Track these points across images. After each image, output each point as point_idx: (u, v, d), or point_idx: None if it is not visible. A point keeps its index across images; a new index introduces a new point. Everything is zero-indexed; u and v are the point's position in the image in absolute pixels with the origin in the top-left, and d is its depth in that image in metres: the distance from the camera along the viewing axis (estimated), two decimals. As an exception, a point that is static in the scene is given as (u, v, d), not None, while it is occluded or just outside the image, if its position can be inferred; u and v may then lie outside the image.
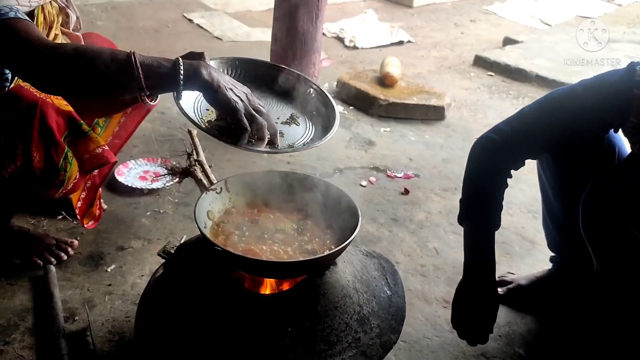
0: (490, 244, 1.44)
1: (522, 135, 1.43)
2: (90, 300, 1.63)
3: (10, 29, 1.20)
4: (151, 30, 4.12)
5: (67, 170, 1.49)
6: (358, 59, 4.50)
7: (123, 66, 1.14)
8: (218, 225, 1.37)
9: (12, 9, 1.23)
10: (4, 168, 1.42)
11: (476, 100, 3.87)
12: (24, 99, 1.42)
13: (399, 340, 1.49)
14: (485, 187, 1.45)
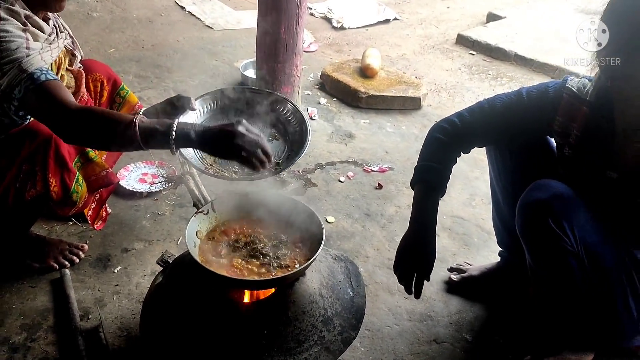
0: (435, 206, 1.66)
1: (476, 127, 1.68)
2: (101, 299, 1.91)
3: (45, 92, 1.45)
4: (145, 20, 4.29)
5: (79, 192, 1.76)
6: (345, 41, 4.68)
7: (129, 131, 1.38)
8: (206, 242, 1.63)
9: (43, 71, 1.48)
10: (26, 193, 1.67)
11: (456, 82, 4.08)
12: (41, 133, 1.67)
13: (364, 329, 1.78)
14: (437, 160, 1.67)
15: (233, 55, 3.87)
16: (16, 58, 1.46)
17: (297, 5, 2.70)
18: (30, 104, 1.48)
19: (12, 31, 1.49)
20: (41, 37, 1.58)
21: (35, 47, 1.53)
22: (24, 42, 1.50)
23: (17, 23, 1.52)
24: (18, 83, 1.46)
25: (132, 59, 3.63)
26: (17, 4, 1.55)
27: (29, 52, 1.49)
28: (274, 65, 2.84)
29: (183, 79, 3.44)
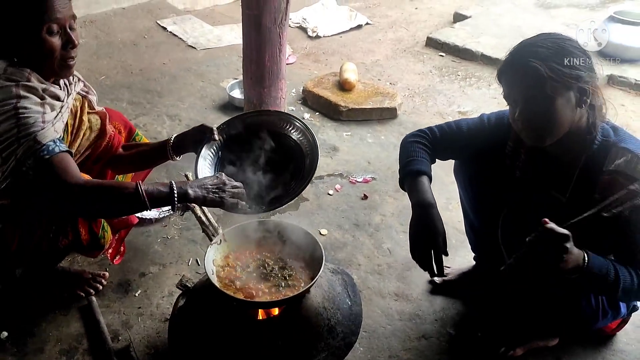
0: (428, 188, 1.81)
1: (445, 142, 1.96)
2: (127, 322, 2.15)
3: (54, 164, 1.63)
4: (129, 43, 4.47)
5: (105, 237, 1.99)
6: (321, 50, 4.92)
7: (134, 197, 1.65)
8: (222, 268, 1.88)
9: (55, 142, 1.66)
10: (59, 242, 1.90)
11: (427, 86, 4.35)
12: None
13: (362, 330, 2.05)
14: (416, 155, 1.90)
15: (218, 74, 4.09)
16: (32, 132, 1.62)
17: (279, 35, 2.94)
18: (41, 175, 1.65)
19: (31, 107, 1.64)
20: (57, 105, 1.75)
21: (49, 118, 1.68)
22: (41, 116, 1.65)
23: (36, 99, 1.67)
24: (32, 154, 1.62)
25: (123, 86, 3.83)
26: (33, 78, 1.69)
27: (44, 125, 1.65)
28: (260, 90, 3.08)
29: (174, 103, 3.66)
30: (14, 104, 1.62)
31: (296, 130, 2.13)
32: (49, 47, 1.68)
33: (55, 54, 1.70)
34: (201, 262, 2.42)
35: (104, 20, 4.76)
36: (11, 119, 1.61)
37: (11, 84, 1.65)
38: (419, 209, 1.79)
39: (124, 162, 2.18)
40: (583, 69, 1.59)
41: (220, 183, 1.76)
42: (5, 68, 1.68)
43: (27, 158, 1.62)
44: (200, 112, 3.59)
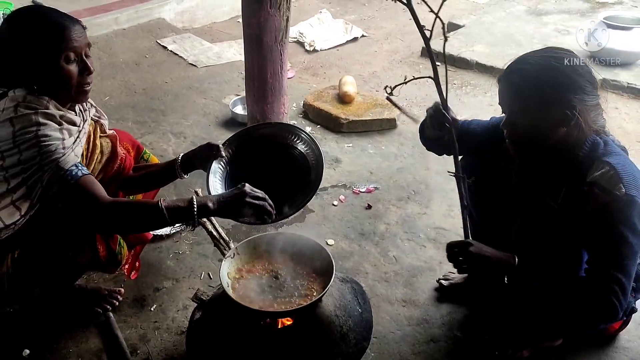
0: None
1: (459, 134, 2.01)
2: (145, 336, 2.22)
3: (81, 189, 1.72)
4: (132, 63, 4.56)
5: (122, 253, 2.06)
6: (319, 63, 5.01)
7: (157, 213, 1.72)
8: (236, 281, 1.95)
9: (77, 167, 1.74)
10: (78, 259, 1.96)
11: (425, 95, 4.44)
12: None
13: (372, 337, 2.11)
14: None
15: (219, 92, 4.18)
16: (55, 159, 1.69)
17: (280, 53, 3.04)
18: (68, 199, 1.74)
19: (51, 134, 1.71)
20: (74, 131, 1.82)
21: (68, 144, 1.76)
22: (61, 142, 1.72)
23: (55, 125, 1.74)
24: (58, 180, 1.70)
25: (127, 105, 3.92)
26: (51, 105, 1.77)
27: (65, 151, 1.72)
28: (263, 106, 3.17)
29: (178, 121, 3.75)
30: (34, 132, 1.68)
31: (302, 142, 2.22)
32: (66, 75, 1.75)
33: (73, 81, 1.78)
34: (213, 276, 2.49)
35: (105, 41, 4.85)
36: (34, 147, 1.68)
37: (30, 111, 1.71)
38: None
39: (134, 183, 2.25)
40: (571, 91, 1.65)
41: (241, 194, 1.79)
42: (25, 96, 1.75)
43: (52, 184, 1.70)
44: (204, 129, 3.67)
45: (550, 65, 1.67)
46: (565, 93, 1.65)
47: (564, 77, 1.66)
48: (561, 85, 1.66)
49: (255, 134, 2.25)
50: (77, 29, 1.78)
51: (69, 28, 1.75)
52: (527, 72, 1.69)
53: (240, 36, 5.37)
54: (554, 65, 1.67)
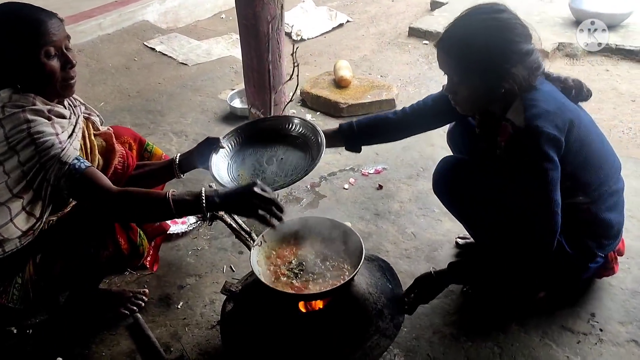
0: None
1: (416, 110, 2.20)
2: (175, 333, 2.21)
3: (87, 180, 1.71)
4: (121, 67, 4.52)
5: (143, 245, 2.04)
6: (308, 52, 5.00)
7: (163, 206, 1.70)
8: (267, 268, 1.95)
9: (79, 159, 1.72)
10: (101, 256, 1.94)
11: (418, 74, 4.46)
12: None
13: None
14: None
15: (214, 87, 4.15)
16: (55, 154, 1.68)
17: (278, 41, 3.02)
18: (76, 192, 1.73)
19: (44, 130, 1.69)
20: (65, 123, 1.79)
21: (64, 138, 1.74)
22: (55, 137, 1.70)
23: (44, 120, 1.71)
24: (63, 175, 1.69)
25: (123, 109, 3.88)
26: (38, 102, 1.74)
27: (63, 145, 1.70)
28: (264, 96, 3.15)
29: (177, 120, 3.72)
30: (26, 129, 1.66)
31: (296, 126, 2.22)
32: (49, 70, 1.72)
33: (56, 76, 1.74)
34: (235, 269, 2.49)
35: (91, 48, 4.80)
36: (30, 146, 1.66)
37: (18, 110, 1.69)
38: None
39: (134, 182, 2.22)
40: (502, 54, 1.70)
41: (249, 194, 1.73)
42: (10, 95, 1.72)
43: (59, 180, 1.69)
44: (204, 125, 3.65)
45: (479, 30, 1.72)
46: (496, 58, 1.71)
47: (494, 41, 1.71)
48: (491, 51, 1.71)
49: (252, 129, 2.25)
50: (54, 23, 1.74)
51: (46, 22, 1.71)
52: (457, 40, 1.74)
53: (226, 32, 5.38)
54: (482, 30, 1.72)
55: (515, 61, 1.72)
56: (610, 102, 3.94)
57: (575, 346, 2.05)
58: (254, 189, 1.71)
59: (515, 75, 1.72)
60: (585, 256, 1.97)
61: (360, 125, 2.21)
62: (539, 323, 2.13)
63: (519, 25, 1.75)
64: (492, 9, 1.76)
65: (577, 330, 2.10)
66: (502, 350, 2.04)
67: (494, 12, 1.75)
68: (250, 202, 1.71)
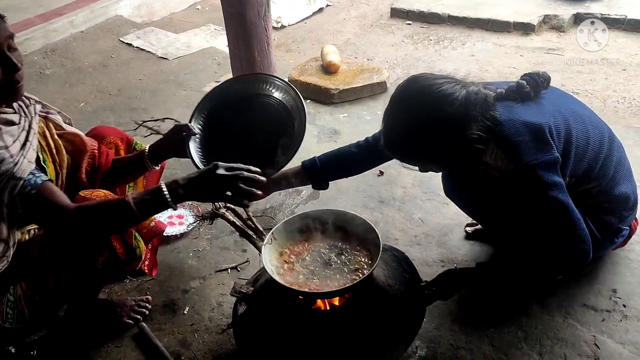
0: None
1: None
2: (184, 341, 2.10)
3: (42, 197, 1.56)
4: (99, 66, 4.34)
5: (140, 247, 1.90)
6: (290, 39, 4.88)
7: (125, 211, 1.58)
8: (281, 266, 1.85)
9: (34, 174, 1.57)
10: (96, 262, 1.79)
11: (404, 55, 4.37)
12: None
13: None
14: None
15: (198, 81, 4.01)
16: (6, 170, 1.53)
17: (265, 28, 2.90)
18: (32, 210, 1.58)
19: None
20: (15, 131, 1.64)
21: (15, 150, 1.58)
22: (5, 151, 1.55)
23: None
24: (18, 193, 1.54)
25: (105, 109, 3.72)
26: None
27: (15, 159, 1.55)
28: (254, 86, 3.03)
29: (162, 116, 3.58)
30: None
31: (277, 90, 2.10)
32: None
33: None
34: (241, 268, 2.39)
35: (65, 47, 4.61)
36: None
37: None
38: None
39: (109, 178, 2.08)
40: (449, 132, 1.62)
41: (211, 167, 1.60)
42: None
43: (14, 199, 1.54)
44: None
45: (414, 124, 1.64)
46: (446, 136, 1.64)
47: (433, 126, 1.62)
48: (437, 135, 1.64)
49: (226, 92, 2.11)
50: None
51: None
52: (400, 145, 1.72)
53: (203, 23, 5.23)
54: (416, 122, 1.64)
55: (464, 122, 1.62)
56: (601, 72, 3.90)
57: (600, 324, 1.99)
58: (215, 172, 1.59)
59: (473, 130, 1.63)
60: (611, 234, 1.91)
61: (323, 161, 2.10)
62: (560, 303, 2.08)
63: (442, 83, 1.63)
64: (411, 95, 1.67)
65: (599, 307, 2.05)
66: (527, 334, 1.98)
67: (413, 96, 1.66)
68: (213, 186, 1.59)
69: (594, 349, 1.91)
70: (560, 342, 1.95)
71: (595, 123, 1.85)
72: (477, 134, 1.63)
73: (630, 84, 3.74)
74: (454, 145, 1.66)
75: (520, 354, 1.92)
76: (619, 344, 1.92)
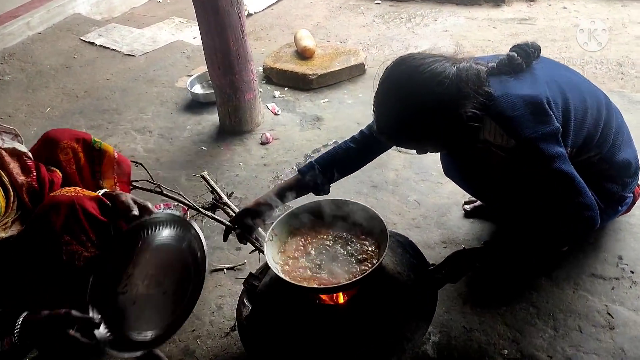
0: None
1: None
2: (187, 348, 2.01)
3: None
4: (61, 68, 4.14)
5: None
6: (258, 26, 4.75)
7: None
8: (285, 263, 1.77)
9: None
10: (78, 260, 1.66)
11: (377, 35, 4.30)
12: (62, 202, 1.65)
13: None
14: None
15: (168, 76, 3.86)
16: None
17: (239, 16, 2.78)
18: None
19: None
20: None
21: None
22: None
23: None
24: None
25: (74, 112, 3.55)
26: None
27: None
28: (231, 77, 2.92)
29: (137, 116, 3.43)
30: None
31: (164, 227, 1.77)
32: None
33: None
34: (238, 267, 2.29)
35: (23, 50, 4.39)
36: None
37: None
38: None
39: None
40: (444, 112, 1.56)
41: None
42: None
43: None
44: (167, 118, 3.38)
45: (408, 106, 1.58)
46: (441, 115, 1.57)
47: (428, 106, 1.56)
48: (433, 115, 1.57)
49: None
50: None
51: None
52: (396, 129, 1.66)
53: (167, 16, 5.05)
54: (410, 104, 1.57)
55: (457, 101, 1.56)
56: (576, 39, 3.88)
57: (610, 293, 1.97)
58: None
59: (467, 108, 1.57)
60: (615, 202, 1.88)
61: (321, 164, 1.97)
62: (568, 275, 2.05)
63: (431, 62, 1.57)
64: (399, 79, 1.60)
65: (608, 276, 2.03)
66: (539, 310, 1.94)
67: (402, 79, 1.59)
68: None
69: (608, 319, 1.89)
70: (573, 314, 1.92)
71: (591, 90, 1.81)
72: (472, 112, 1.57)
73: (605, 49, 3.73)
74: (449, 126, 1.60)
75: (535, 330, 1.88)
76: (631, 311, 1.90)
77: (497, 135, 1.61)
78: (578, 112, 1.70)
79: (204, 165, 2.88)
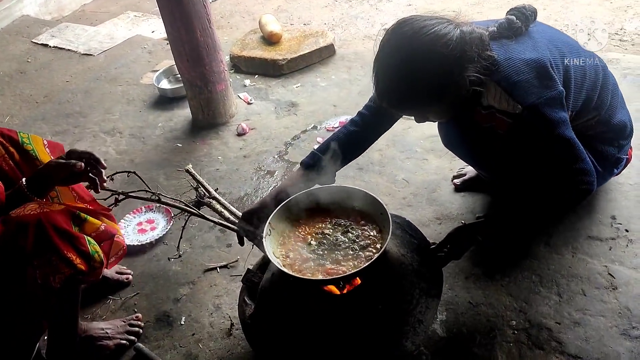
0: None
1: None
2: (190, 353, 1.94)
3: None
4: (15, 73, 3.95)
5: (97, 251, 1.66)
6: (218, 15, 4.64)
7: None
8: (286, 256, 1.71)
9: None
10: (54, 282, 1.56)
11: (341, 15, 4.24)
12: (29, 220, 1.54)
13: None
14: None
15: (132, 73, 3.72)
16: None
17: (204, 4, 2.68)
18: None
19: None
20: None
21: None
22: None
23: None
24: None
25: (35, 119, 3.38)
26: None
27: None
28: (201, 69, 2.82)
29: (103, 118, 3.29)
30: None
31: None
32: None
33: None
34: (231, 265, 2.23)
35: (-28, 58, 4.17)
36: None
37: None
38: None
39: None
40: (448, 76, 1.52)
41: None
42: None
43: None
44: (136, 117, 3.26)
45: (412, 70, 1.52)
46: (444, 80, 1.53)
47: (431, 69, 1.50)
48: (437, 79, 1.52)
49: None
50: None
51: None
52: (400, 93, 1.58)
53: (121, 11, 4.87)
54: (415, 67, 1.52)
55: (461, 64, 1.51)
56: (538, 3, 3.89)
57: (609, 253, 1.98)
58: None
59: (471, 72, 1.53)
60: (611, 164, 1.89)
61: (325, 151, 1.90)
62: (565, 240, 2.05)
63: (434, 24, 1.51)
64: (401, 41, 1.53)
65: (604, 237, 2.04)
66: (541, 277, 1.94)
67: (405, 42, 1.52)
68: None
69: (609, 279, 1.90)
70: (575, 278, 1.92)
71: (587, 52, 1.79)
72: (476, 76, 1.53)
73: (569, 11, 3.76)
74: (453, 89, 1.55)
75: (540, 298, 1.88)
76: (631, 269, 1.91)
77: (502, 101, 1.58)
78: (577, 74, 1.69)
79: (182, 162, 2.78)
